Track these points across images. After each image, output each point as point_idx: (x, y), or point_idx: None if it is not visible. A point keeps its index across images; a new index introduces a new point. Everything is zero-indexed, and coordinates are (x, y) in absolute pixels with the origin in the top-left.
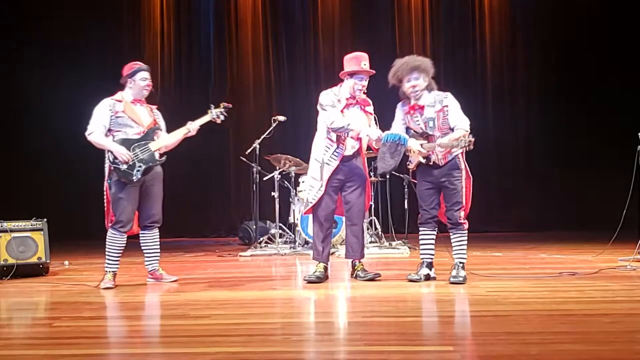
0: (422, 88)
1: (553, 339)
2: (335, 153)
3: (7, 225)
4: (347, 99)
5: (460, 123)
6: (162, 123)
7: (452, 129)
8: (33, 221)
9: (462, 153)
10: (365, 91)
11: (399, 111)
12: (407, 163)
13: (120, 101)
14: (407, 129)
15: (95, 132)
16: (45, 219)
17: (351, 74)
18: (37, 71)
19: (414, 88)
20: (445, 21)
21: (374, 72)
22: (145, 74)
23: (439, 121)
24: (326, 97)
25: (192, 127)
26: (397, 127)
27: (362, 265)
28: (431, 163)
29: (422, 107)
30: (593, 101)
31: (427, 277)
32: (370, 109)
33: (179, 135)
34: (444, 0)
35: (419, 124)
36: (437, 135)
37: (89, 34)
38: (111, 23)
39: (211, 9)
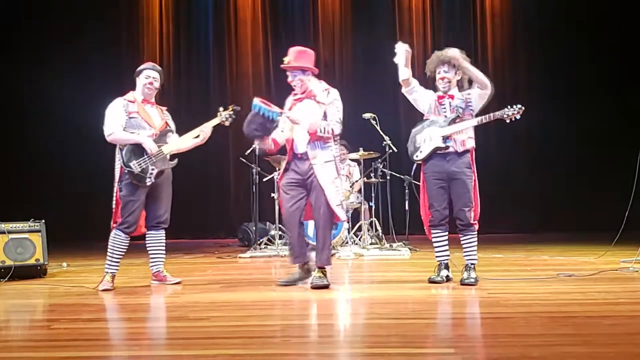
0: (450, 81)
1: (555, 341)
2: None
3: (4, 226)
4: (293, 94)
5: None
6: (172, 125)
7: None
8: (31, 222)
9: (473, 150)
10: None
11: (429, 95)
12: (417, 154)
13: (132, 102)
14: (430, 118)
15: (115, 131)
16: (43, 220)
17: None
18: (36, 72)
19: (443, 80)
20: (445, 22)
21: (295, 66)
22: (149, 72)
23: (465, 107)
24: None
25: (206, 129)
26: (419, 94)
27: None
28: (447, 150)
29: (452, 97)
30: (595, 102)
31: (447, 279)
32: (322, 97)
33: (191, 138)
34: (445, 1)
35: (445, 111)
36: (465, 119)
37: (88, 34)
38: (111, 23)
39: (211, 9)
